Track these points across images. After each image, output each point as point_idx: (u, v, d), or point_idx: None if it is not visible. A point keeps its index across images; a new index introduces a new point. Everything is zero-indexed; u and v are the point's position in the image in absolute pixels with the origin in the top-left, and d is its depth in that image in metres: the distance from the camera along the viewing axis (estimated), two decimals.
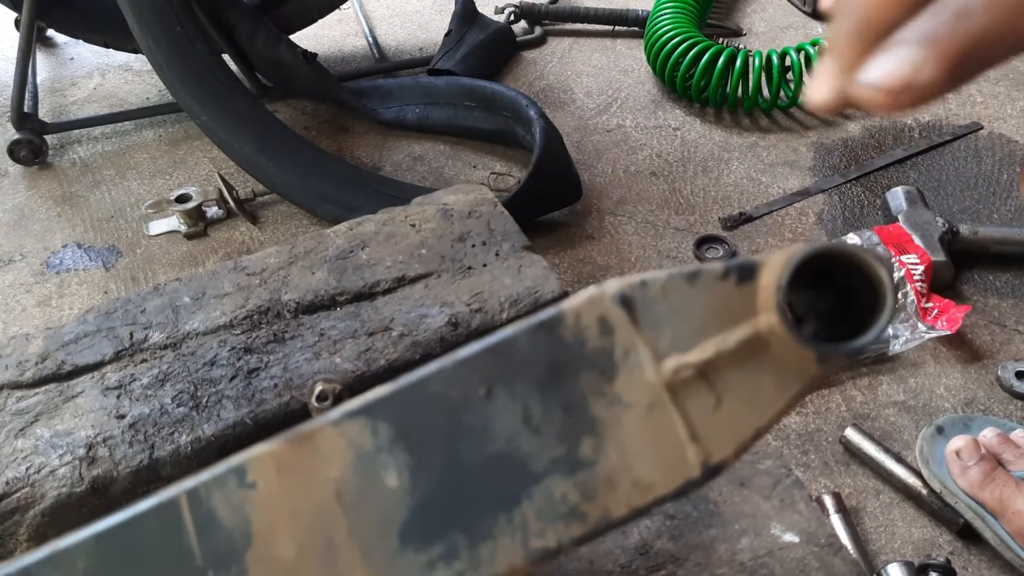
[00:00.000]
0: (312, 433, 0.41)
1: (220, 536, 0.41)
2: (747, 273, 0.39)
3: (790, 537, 0.65)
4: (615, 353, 0.40)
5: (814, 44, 1.96)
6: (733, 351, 0.39)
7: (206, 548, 0.41)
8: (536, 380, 0.40)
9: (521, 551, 0.40)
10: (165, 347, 0.86)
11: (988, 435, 1.16)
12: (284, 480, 0.41)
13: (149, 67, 1.73)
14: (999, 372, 1.37)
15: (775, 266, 0.37)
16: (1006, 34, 0.28)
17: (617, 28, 2.40)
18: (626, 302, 0.40)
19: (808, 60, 1.97)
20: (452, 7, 2.27)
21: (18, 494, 0.71)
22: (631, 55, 2.29)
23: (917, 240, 1.50)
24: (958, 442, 1.15)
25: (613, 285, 0.40)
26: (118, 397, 0.81)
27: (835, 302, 0.39)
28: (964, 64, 0.28)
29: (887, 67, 0.29)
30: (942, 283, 1.49)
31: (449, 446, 0.40)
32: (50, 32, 2.33)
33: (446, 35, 2.22)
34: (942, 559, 1.12)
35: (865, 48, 0.31)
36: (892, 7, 0.30)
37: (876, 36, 0.30)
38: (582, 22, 2.41)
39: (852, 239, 1.51)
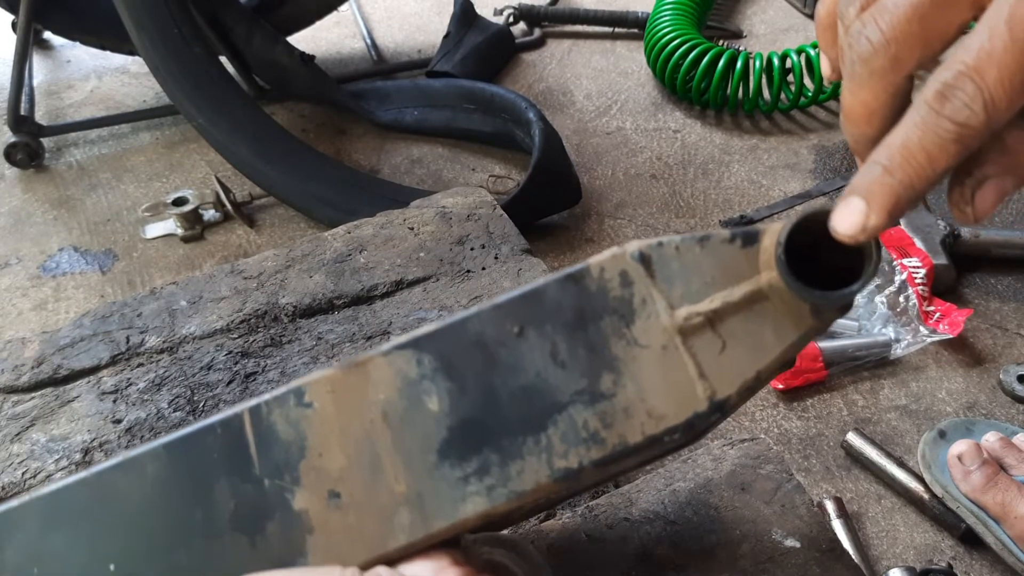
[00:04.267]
0: (364, 361, 0.46)
1: (277, 448, 0.46)
2: (751, 238, 0.44)
3: (791, 542, 0.65)
4: (634, 302, 0.45)
5: (815, 46, 1.96)
6: (738, 303, 0.44)
7: (264, 458, 0.46)
8: (563, 323, 0.45)
9: (546, 470, 0.44)
10: (161, 351, 0.85)
11: (990, 439, 1.15)
12: (338, 401, 0.46)
13: (146, 70, 1.72)
14: (1001, 376, 1.36)
15: (775, 231, 0.42)
16: (919, 188, 0.37)
17: (617, 30, 2.39)
18: (644, 259, 0.45)
19: (809, 62, 1.96)
20: (451, 9, 2.26)
21: None
22: (631, 57, 2.28)
23: (919, 243, 1.50)
24: (960, 446, 1.14)
25: (633, 244, 0.46)
26: (114, 401, 0.80)
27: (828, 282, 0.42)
28: (897, 210, 0.38)
29: (847, 219, 0.39)
30: (944, 286, 1.49)
31: (485, 377, 0.45)
32: (47, 34, 2.32)
33: (444, 37, 2.22)
34: (944, 564, 1.12)
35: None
36: (860, 139, 0.42)
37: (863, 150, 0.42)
38: (581, 24, 2.40)
39: None
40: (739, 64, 1.98)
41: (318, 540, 0.46)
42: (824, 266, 0.41)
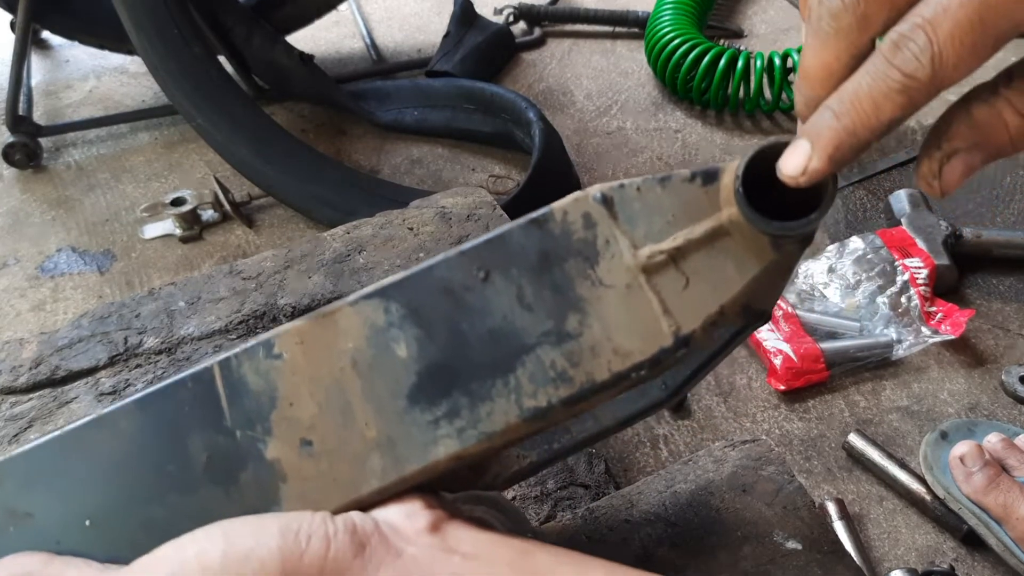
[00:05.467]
0: (332, 312, 0.47)
1: (248, 400, 0.47)
2: (710, 176, 0.44)
3: (793, 544, 0.65)
4: (597, 243, 0.45)
5: None
6: (699, 240, 0.44)
7: (235, 410, 0.47)
8: (528, 266, 0.46)
9: (516, 410, 0.45)
10: (160, 352, 0.85)
11: (992, 440, 1.15)
12: (307, 351, 0.47)
13: (145, 69, 1.72)
14: (1003, 377, 1.36)
15: (733, 167, 0.43)
16: (863, 136, 0.38)
17: (617, 29, 2.39)
18: (606, 200, 0.46)
19: None
20: (450, 8, 2.26)
21: None
22: (631, 57, 2.28)
23: (920, 244, 1.50)
24: (962, 447, 1.14)
25: (595, 187, 0.46)
26: (112, 403, 0.80)
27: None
28: (837, 155, 0.39)
29: (790, 161, 0.40)
30: (946, 287, 1.48)
31: (452, 322, 0.46)
32: (45, 34, 2.32)
33: (444, 36, 2.21)
34: (946, 566, 1.12)
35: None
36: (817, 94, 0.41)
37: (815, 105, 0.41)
38: (582, 23, 2.40)
39: (855, 242, 1.51)
40: (740, 64, 1.98)
41: (291, 488, 0.46)
42: (786, 204, 0.42)
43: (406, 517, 0.45)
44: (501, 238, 0.46)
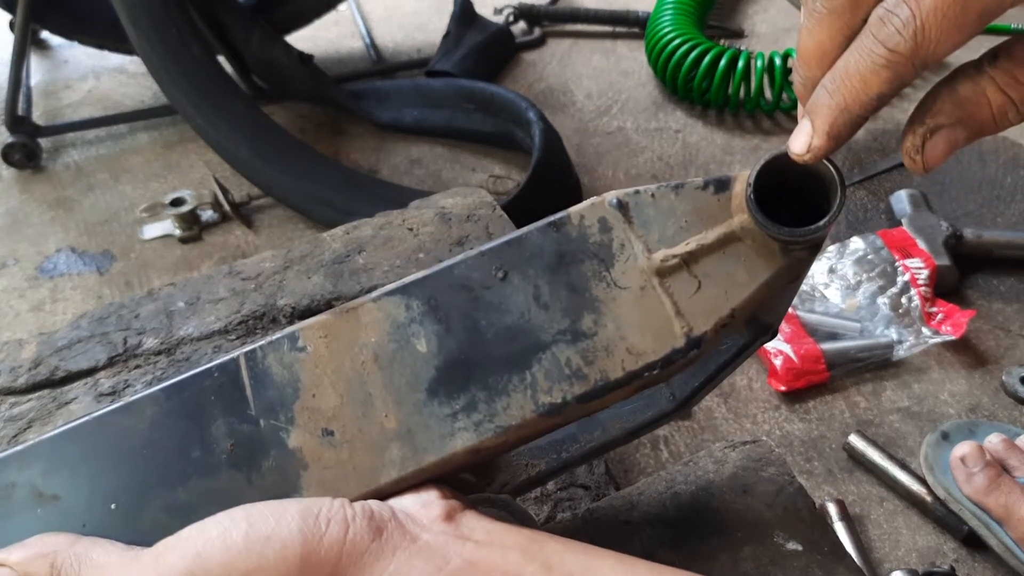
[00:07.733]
0: (355, 307, 0.49)
1: (272, 389, 0.49)
2: (723, 185, 0.46)
3: (793, 545, 0.64)
4: (613, 246, 0.48)
5: None
6: (711, 245, 0.46)
7: (260, 399, 0.49)
8: (546, 266, 0.48)
9: (531, 404, 0.47)
10: (159, 353, 0.85)
11: (993, 441, 1.14)
12: (330, 344, 0.49)
13: (144, 69, 1.72)
14: (1004, 377, 1.35)
15: (745, 175, 0.45)
16: (855, 111, 0.39)
17: (617, 29, 2.39)
18: (622, 206, 0.48)
19: None
20: (450, 8, 2.26)
21: None
22: (632, 57, 2.28)
23: (921, 244, 1.49)
24: (963, 448, 1.13)
25: (611, 193, 0.48)
26: (112, 403, 0.80)
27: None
28: (834, 131, 0.40)
29: (797, 139, 0.41)
30: (946, 287, 1.48)
31: (471, 319, 0.48)
32: (45, 34, 2.32)
33: (444, 36, 2.21)
34: (946, 567, 1.11)
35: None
36: (813, 74, 0.42)
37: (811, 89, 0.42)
38: (582, 23, 2.40)
39: (856, 243, 1.50)
40: (740, 64, 1.97)
41: (312, 476, 0.48)
42: (796, 213, 0.44)
43: (422, 506, 0.46)
44: (519, 239, 0.48)
